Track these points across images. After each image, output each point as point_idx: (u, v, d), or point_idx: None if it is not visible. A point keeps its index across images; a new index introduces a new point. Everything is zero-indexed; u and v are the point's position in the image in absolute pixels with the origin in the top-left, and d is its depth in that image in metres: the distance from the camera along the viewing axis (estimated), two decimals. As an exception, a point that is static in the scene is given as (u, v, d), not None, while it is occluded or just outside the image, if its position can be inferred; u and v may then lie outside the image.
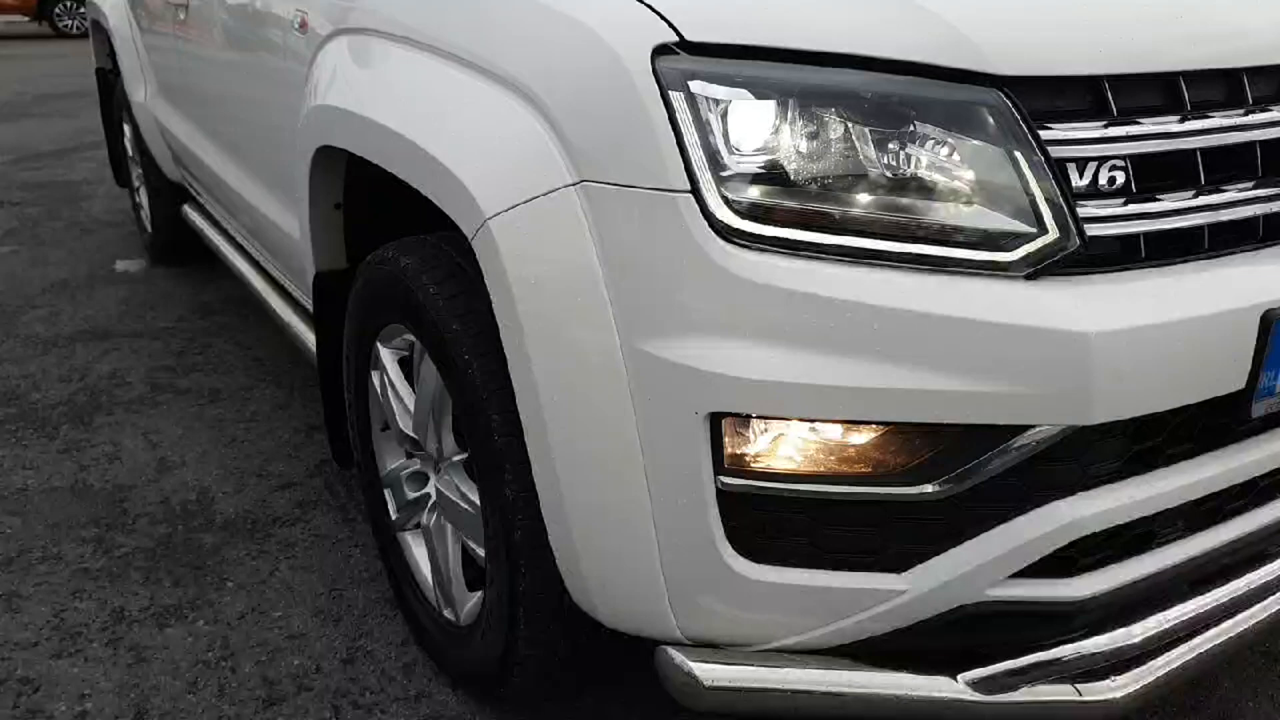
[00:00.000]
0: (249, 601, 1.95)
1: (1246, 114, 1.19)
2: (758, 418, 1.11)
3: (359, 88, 1.53)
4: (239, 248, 2.98)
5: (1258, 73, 1.21)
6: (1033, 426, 1.08)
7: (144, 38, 3.46)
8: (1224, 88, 1.20)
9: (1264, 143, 1.21)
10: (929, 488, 1.11)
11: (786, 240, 1.08)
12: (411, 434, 1.65)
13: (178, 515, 2.26)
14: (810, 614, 1.18)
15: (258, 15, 2.08)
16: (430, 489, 1.68)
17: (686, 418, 1.11)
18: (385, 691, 1.71)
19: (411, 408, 1.64)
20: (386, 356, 1.69)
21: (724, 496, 1.14)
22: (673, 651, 1.20)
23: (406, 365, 1.67)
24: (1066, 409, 1.07)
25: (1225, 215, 1.18)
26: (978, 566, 1.14)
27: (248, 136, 2.35)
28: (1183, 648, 1.27)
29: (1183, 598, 1.25)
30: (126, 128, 4.07)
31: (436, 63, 1.36)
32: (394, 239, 1.59)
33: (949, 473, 1.11)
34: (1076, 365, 1.05)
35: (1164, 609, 1.23)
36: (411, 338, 1.57)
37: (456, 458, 1.55)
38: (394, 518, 1.80)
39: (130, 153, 4.17)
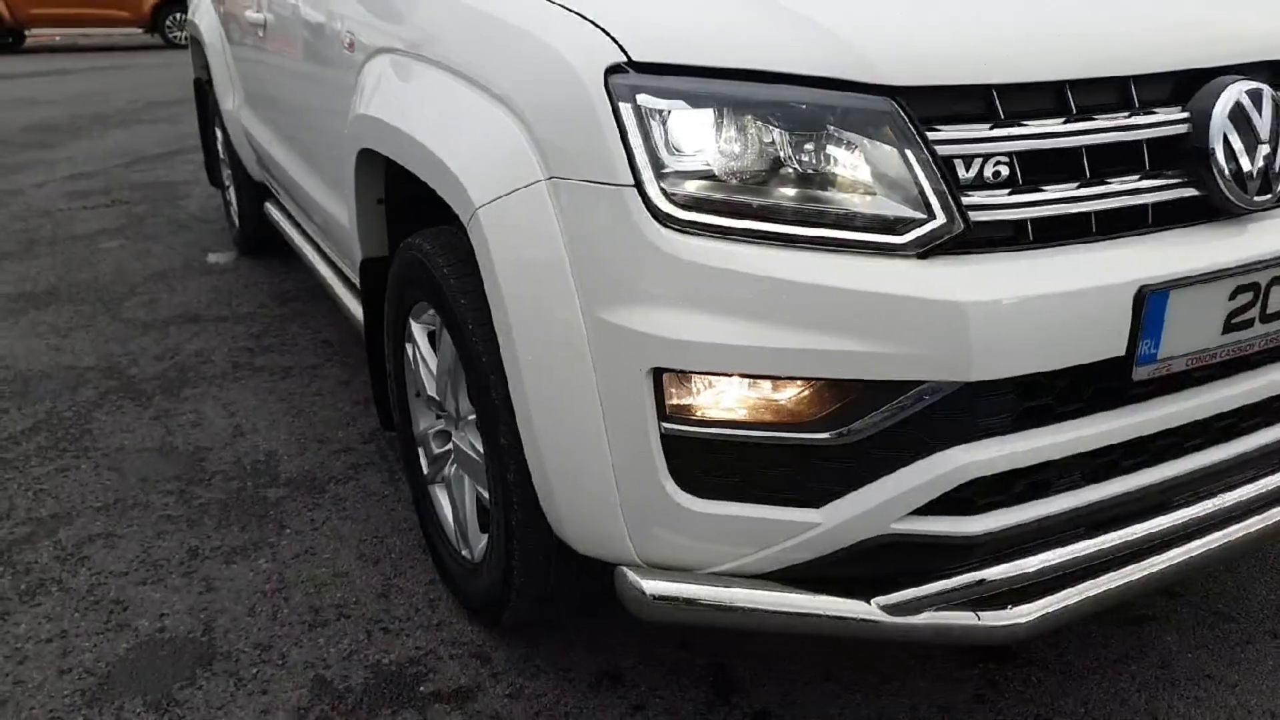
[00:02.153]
0: (303, 545, 2.24)
1: (1131, 116, 1.36)
2: (691, 373, 1.32)
3: (389, 99, 1.80)
4: (309, 240, 3.30)
5: (1145, 79, 1.38)
6: (923, 383, 1.28)
7: (232, 51, 3.82)
8: (1113, 93, 1.37)
9: (1150, 140, 1.38)
10: (838, 434, 1.32)
11: (715, 226, 1.29)
12: (436, 397, 1.92)
13: (247, 473, 2.57)
14: (742, 542, 1.40)
15: (319, 36, 2.38)
16: (451, 445, 1.94)
17: (634, 373, 1.34)
18: (411, 620, 1.98)
19: (435, 373, 1.90)
20: (417, 330, 1.96)
21: (667, 440, 1.36)
22: (626, 570, 1.43)
23: (433, 338, 1.93)
24: (950, 368, 1.26)
25: (1112, 203, 1.35)
26: (882, 503, 1.33)
27: (312, 140, 2.65)
28: (1081, 586, 1.44)
29: (1076, 539, 1.42)
30: (218, 132, 4.47)
31: (444, 77, 1.62)
32: (425, 229, 1.85)
33: (854, 421, 1.31)
34: (956, 330, 1.24)
35: (1057, 548, 1.41)
36: (434, 313, 1.83)
37: (470, 416, 1.80)
38: (425, 472, 2.07)
39: (221, 155, 4.57)
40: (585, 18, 1.37)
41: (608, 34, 1.34)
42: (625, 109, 1.31)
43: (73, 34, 17.93)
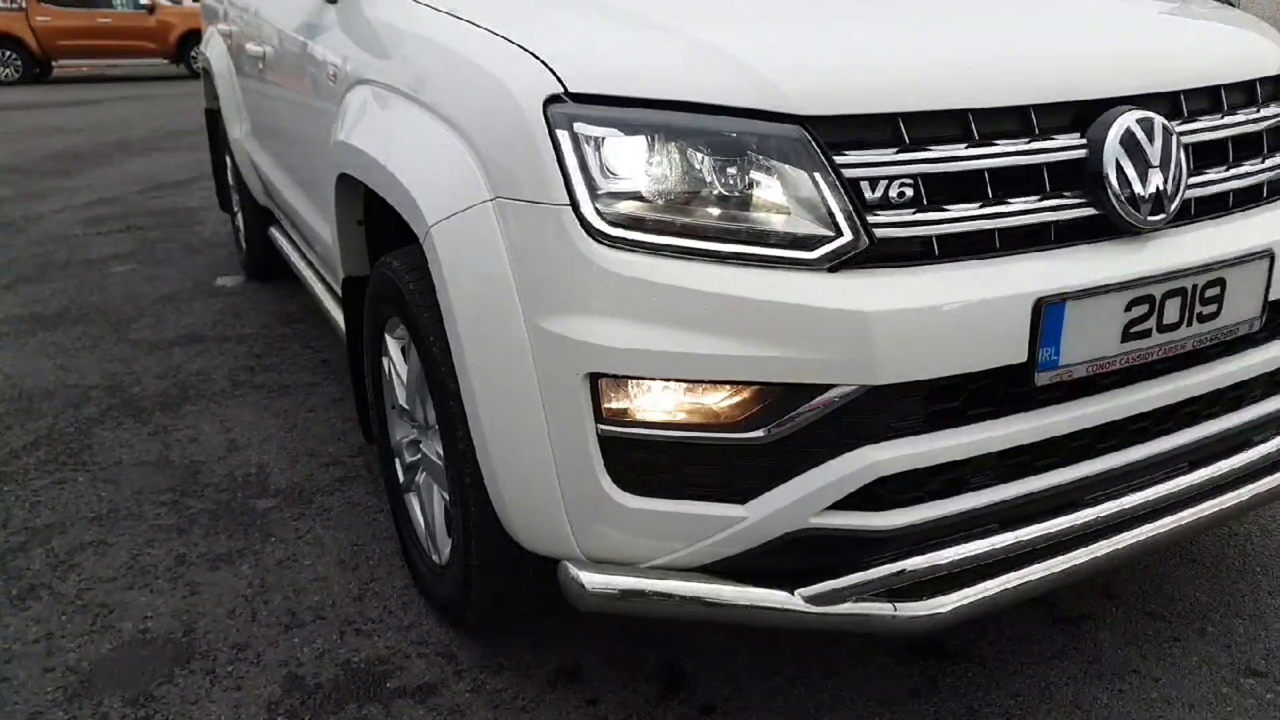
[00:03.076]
0: (286, 552, 2.35)
1: (1031, 142, 1.47)
2: (624, 377, 1.43)
3: (362, 126, 1.93)
4: (308, 262, 3.43)
5: (1044, 108, 1.48)
6: (835, 386, 1.38)
7: (239, 81, 3.99)
8: (1015, 120, 1.47)
9: (1050, 164, 1.48)
10: (759, 434, 1.42)
11: (645, 243, 1.40)
12: (406, 406, 2.03)
13: (239, 485, 2.69)
14: (675, 537, 1.49)
15: (308, 67, 2.52)
16: (420, 453, 2.05)
17: (572, 378, 1.44)
18: (384, 622, 2.08)
19: (405, 385, 2.01)
20: (391, 345, 2.07)
21: (603, 440, 1.46)
22: (567, 564, 1.53)
23: (405, 352, 2.04)
24: (858, 372, 1.36)
25: (1013, 222, 1.45)
26: (801, 498, 1.43)
27: (304, 165, 2.79)
28: (999, 579, 1.53)
29: (992, 534, 1.51)
30: (228, 160, 4.63)
31: (408, 106, 1.75)
32: (397, 249, 1.97)
33: (774, 422, 1.41)
34: (861, 337, 1.35)
35: (973, 542, 1.50)
36: (404, 328, 1.94)
37: (435, 425, 1.91)
38: (401, 481, 2.18)
39: (231, 182, 4.74)
40: (528, 51, 1.50)
41: (548, 67, 1.46)
42: (563, 135, 1.42)
43: (100, 65, 18.39)
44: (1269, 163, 1.73)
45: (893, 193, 1.40)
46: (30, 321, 4.10)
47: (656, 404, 1.45)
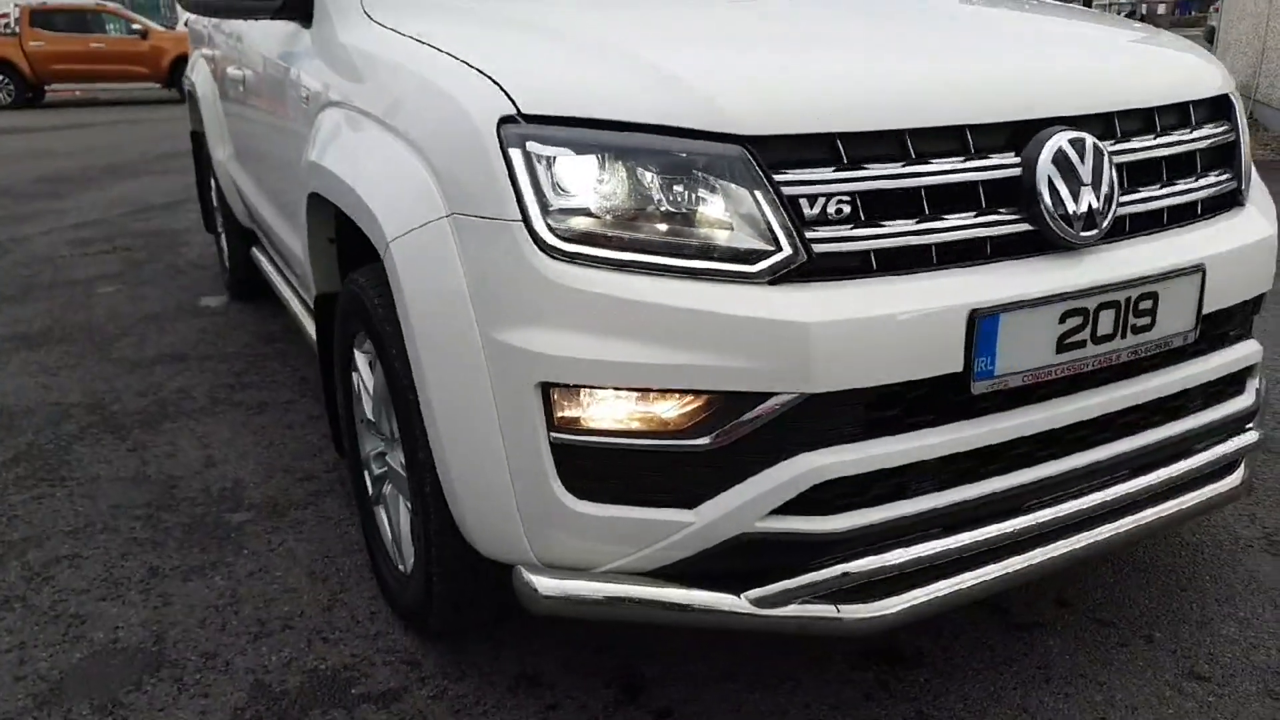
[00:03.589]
0: (258, 564, 2.39)
1: (967, 161, 1.53)
2: (574, 386, 1.48)
3: (330, 147, 1.99)
4: (287, 282, 3.48)
5: (980, 129, 1.55)
6: (775, 394, 1.43)
7: (222, 105, 4.05)
8: (952, 140, 1.54)
9: (985, 182, 1.54)
10: (705, 440, 1.47)
11: (595, 257, 1.46)
12: (373, 419, 2.07)
13: (214, 499, 2.72)
14: (626, 542, 1.54)
15: (284, 92, 2.58)
16: (387, 465, 2.09)
17: (525, 388, 1.49)
18: (351, 630, 2.11)
19: (372, 398, 2.06)
20: (360, 359, 2.12)
21: (555, 448, 1.51)
22: (521, 569, 1.57)
23: (373, 366, 2.09)
24: (797, 379, 1.42)
25: (949, 237, 1.51)
26: (746, 503, 1.48)
27: (281, 186, 2.84)
28: (943, 582, 1.58)
29: (934, 538, 1.56)
30: (212, 181, 4.69)
31: (373, 126, 1.81)
32: (365, 266, 2.02)
33: (719, 429, 1.46)
34: (799, 347, 1.40)
35: (916, 545, 1.55)
36: (370, 342, 1.99)
37: (398, 436, 1.96)
38: (370, 493, 2.22)
39: (215, 203, 4.79)
40: (484, 73, 1.56)
41: (502, 89, 1.52)
42: (515, 154, 1.48)
43: (92, 89, 18.49)
44: (1203, 181, 1.79)
45: (830, 209, 1.46)
46: (13, 341, 4.14)
47: (606, 412, 1.49)
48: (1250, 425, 1.95)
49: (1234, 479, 1.90)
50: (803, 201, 1.45)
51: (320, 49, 2.26)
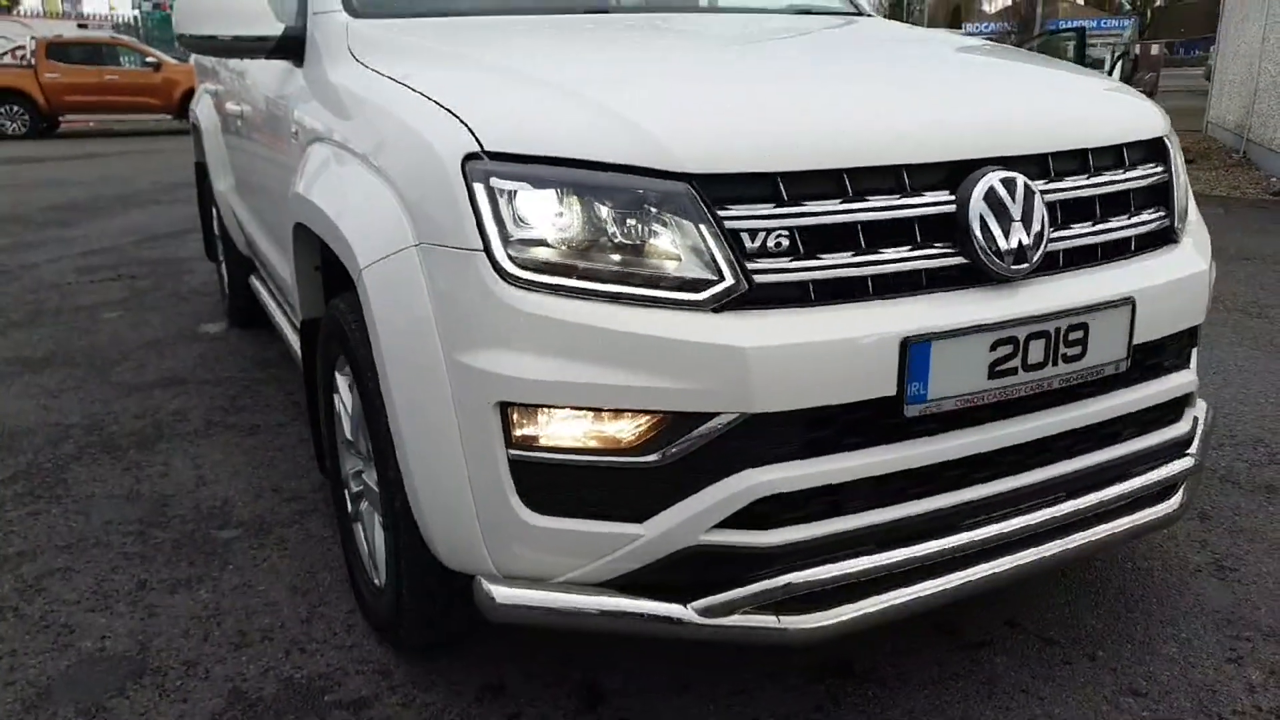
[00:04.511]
0: (242, 578, 2.48)
1: (903, 198, 1.63)
2: (530, 405, 1.58)
3: (314, 180, 2.10)
4: (281, 309, 3.60)
5: (916, 168, 1.65)
6: (718, 414, 1.53)
7: (224, 138, 4.20)
8: (889, 178, 1.64)
9: (921, 218, 1.64)
10: (653, 458, 1.56)
11: (551, 284, 1.56)
12: (350, 439, 2.17)
13: (203, 517, 2.82)
14: (580, 554, 1.63)
15: (277, 126, 2.71)
16: (363, 483, 2.18)
17: (484, 407, 1.59)
18: (328, 642, 2.20)
19: (351, 418, 2.16)
20: (340, 382, 2.22)
21: (514, 464, 1.61)
22: (481, 579, 1.66)
23: (352, 388, 2.19)
24: (737, 401, 1.51)
25: (885, 269, 1.61)
26: (691, 517, 1.57)
27: (272, 215, 2.96)
28: (882, 595, 1.67)
29: (872, 553, 1.65)
30: (214, 211, 4.83)
31: (353, 162, 1.92)
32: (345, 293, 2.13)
33: (667, 447, 1.55)
34: (740, 370, 1.50)
35: (850, 560, 1.63)
36: (349, 365, 2.09)
37: (372, 454, 2.05)
38: (349, 510, 2.31)
39: (216, 232, 4.93)
40: (452, 113, 1.67)
41: (468, 127, 1.63)
42: (479, 189, 1.59)
43: (106, 119, 18.82)
44: (1135, 219, 1.89)
45: (771, 242, 1.56)
46: (18, 364, 4.26)
47: (561, 430, 1.59)
48: (1189, 451, 2.03)
49: (1172, 503, 1.99)
50: (744, 235, 1.55)
51: (310, 87, 2.38)
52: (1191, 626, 2.16)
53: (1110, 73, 10.00)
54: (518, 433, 1.60)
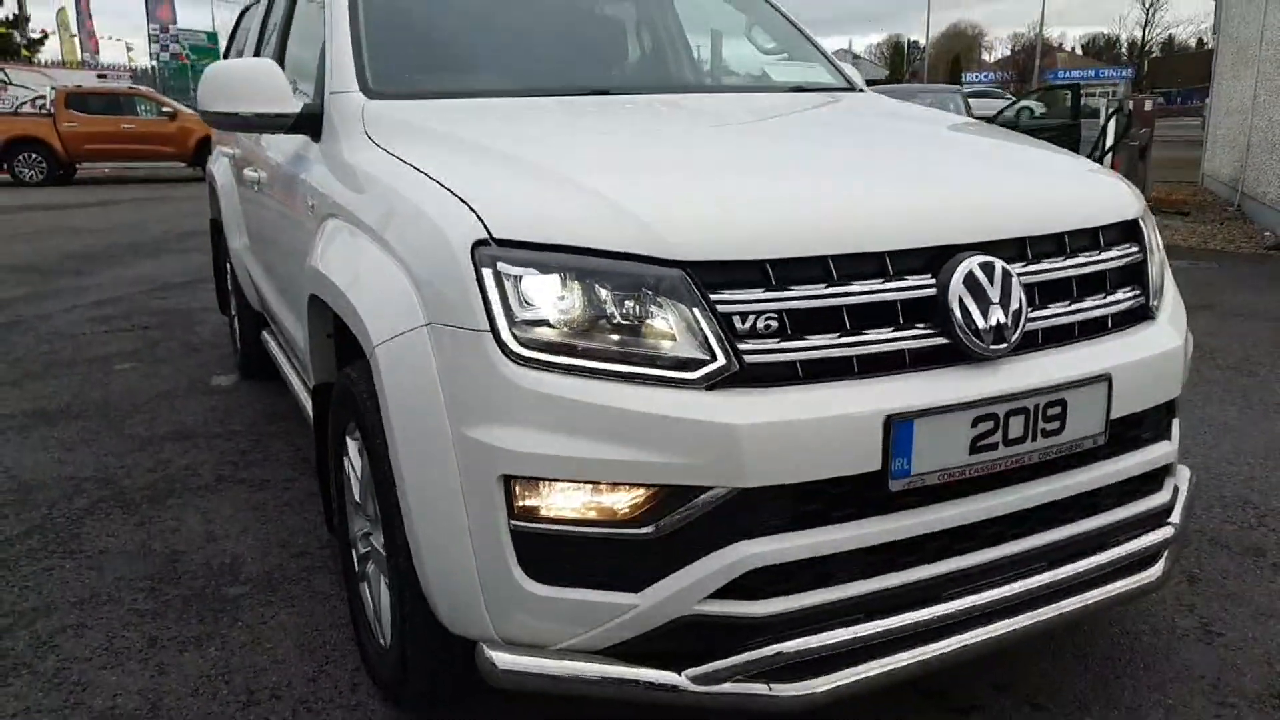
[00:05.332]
0: (250, 635, 2.54)
1: (885, 282, 1.72)
2: (532, 479, 1.66)
3: (329, 255, 2.21)
4: (292, 365, 3.69)
5: (898, 254, 1.74)
6: (711, 488, 1.60)
7: (239, 199, 4.33)
8: (872, 263, 1.73)
9: (904, 301, 1.73)
10: (649, 529, 1.64)
11: (554, 363, 1.65)
12: (359, 501, 2.25)
13: (213, 573, 2.89)
14: (579, 622, 1.70)
15: (294, 196, 2.82)
16: (370, 545, 2.26)
17: (489, 479, 1.67)
18: (333, 700, 2.26)
19: (360, 482, 2.24)
20: (350, 445, 2.30)
21: (515, 534, 1.68)
22: (483, 645, 1.73)
23: (361, 453, 2.27)
24: (729, 475, 1.59)
25: (870, 349, 1.70)
26: (686, 588, 1.64)
27: (286, 278, 3.07)
28: (872, 663, 1.73)
29: (860, 622, 1.71)
30: (228, 266, 4.96)
31: (367, 240, 2.02)
32: (357, 361, 2.22)
33: (662, 519, 1.63)
34: (731, 446, 1.58)
35: (839, 629, 1.70)
36: (359, 430, 2.18)
37: (380, 518, 2.13)
38: (356, 570, 2.38)
39: (229, 287, 5.05)
40: (463, 200, 1.77)
41: (477, 215, 1.73)
42: (487, 273, 1.68)
43: (121, 166, 19.15)
44: (1111, 298, 1.98)
45: (760, 324, 1.65)
46: (34, 416, 4.35)
47: (561, 502, 1.67)
48: (1170, 520, 2.10)
49: (1153, 571, 2.05)
50: (736, 317, 1.64)
51: (327, 163, 2.49)
52: (1178, 692, 2.20)
53: (1105, 127, 10.16)
54: (520, 504, 1.67)
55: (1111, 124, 9.99)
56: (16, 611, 2.67)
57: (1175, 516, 2.11)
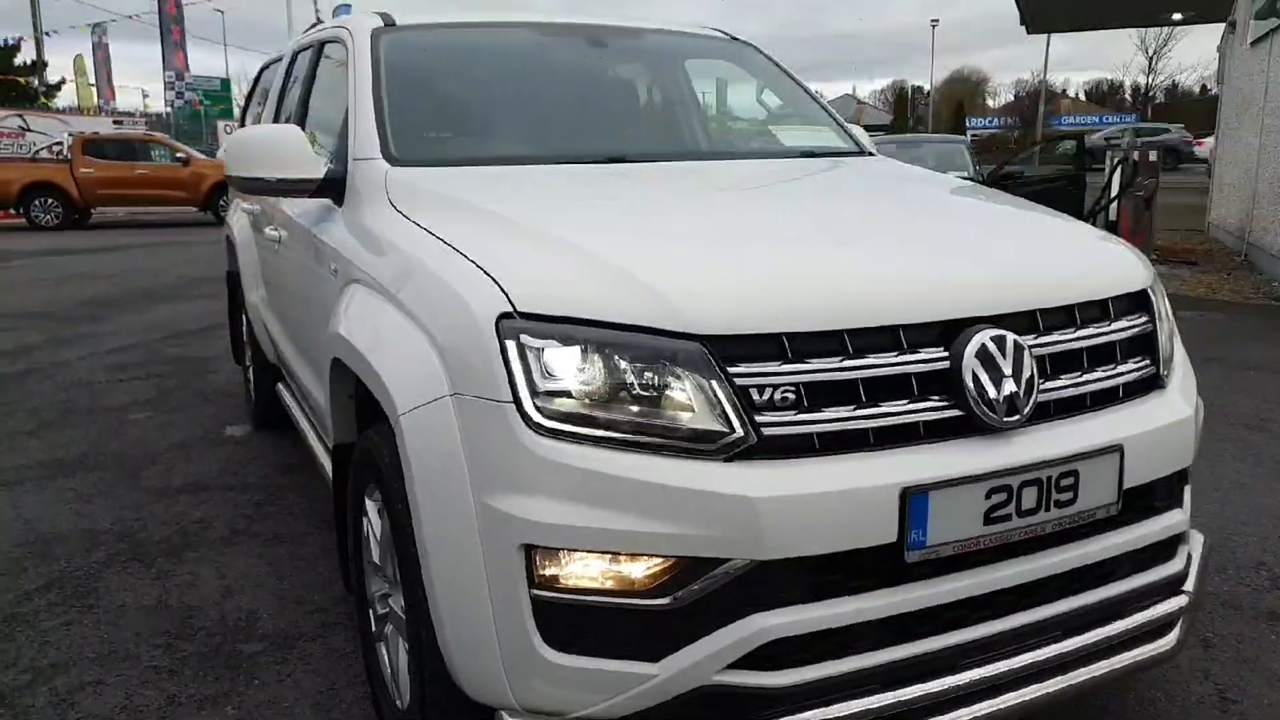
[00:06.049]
0: (267, 694, 2.55)
1: (899, 355, 1.76)
2: (553, 549, 1.68)
3: (352, 321, 2.26)
4: (308, 420, 3.73)
5: (911, 327, 1.78)
6: (729, 560, 1.63)
7: (257, 255, 4.40)
8: (886, 337, 1.77)
9: (917, 374, 1.77)
10: (666, 600, 1.66)
11: (575, 434, 1.68)
12: (378, 563, 2.27)
13: (230, 629, 2.90)
14: (597, 691, 1.71)
15: (316, 258, 2.88)
16: (389, 606, 2.28)
17: (510, 548, 1.70)
18: (349, 762, 2.27)
19: (379, 543, 2.26)
20: (370, 507, 2.34)
21: (535, 603, 1.71)
22: (503, 713, 1.75)
23: (381, 514, 2.30)
24: (748, 547, 1.62)
25: (884, 422, 1.73)
26: (704, 658, 1.66)
27: (306, 340, 3.12)
28: (884, 736, 1.73)
29: (872, 694, 1.72)
30: (244, 318, 5.02)
31: (391, 309, 2.07)
32: (378, 424, 2.26)
33: (681, 590, 1.65)
34: (750, 518, 1.61)
35: (855, 700, 1.71)
36: (379, 492, 2.21)
37: (400, 580, 2.15)
38: (373, 630, 2.40)
39: (245, 338, 5.11)
40: (487, 273, 1.82)
41: (502, 289, 1.77)
42: (510, 345, 1.73)
43: (135, 211, 19.40)
44: (1122, 368, 2.01)
45: (777, 397, 1.68)
46: (51, 467, 4.39)
47: (581, 572, 1.69)
48: (1184, 589, 2.11)
49: (1168, 640, 2.06)
50: (753, 390, 1.68)
51: (350, 228, 2.56)
52: (1193, 760, 2.20)
53: (1110, 178, 10.26)
54: (540, 573, 1.70)
55: (1116, 174, 10.08)
56: (36, 668, 2.69)
57: (1189, 584, 2.12)
